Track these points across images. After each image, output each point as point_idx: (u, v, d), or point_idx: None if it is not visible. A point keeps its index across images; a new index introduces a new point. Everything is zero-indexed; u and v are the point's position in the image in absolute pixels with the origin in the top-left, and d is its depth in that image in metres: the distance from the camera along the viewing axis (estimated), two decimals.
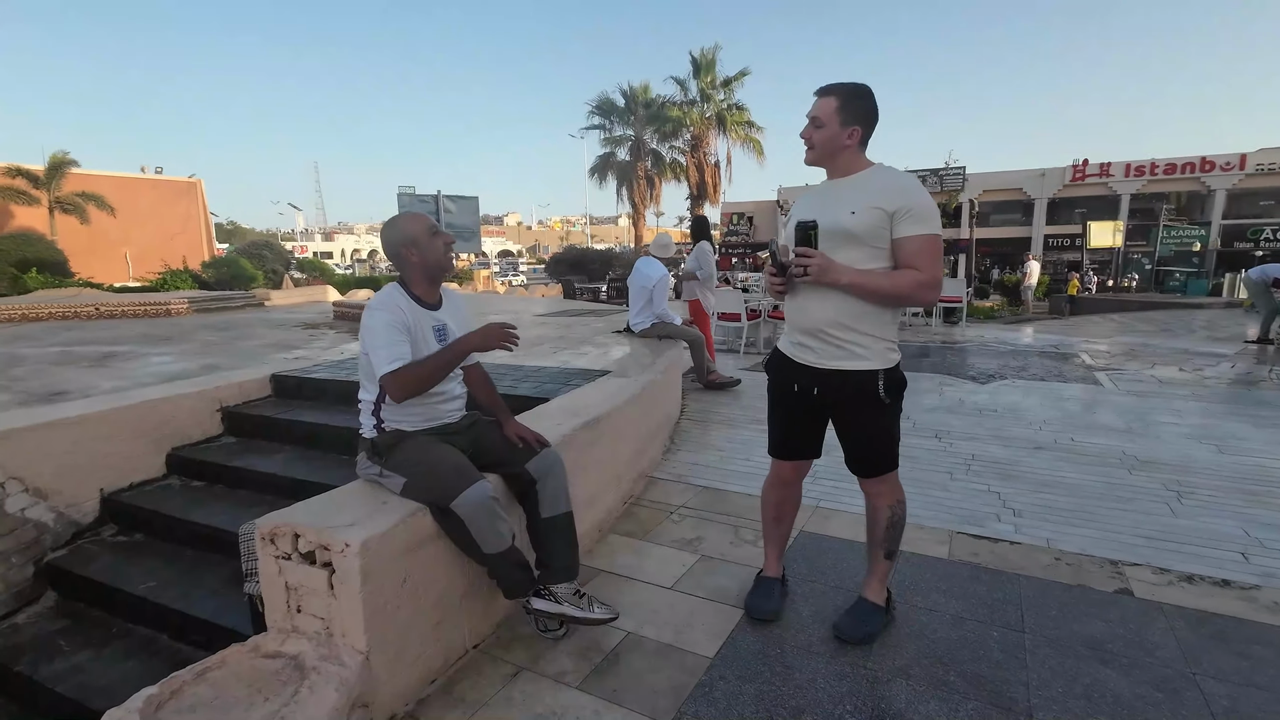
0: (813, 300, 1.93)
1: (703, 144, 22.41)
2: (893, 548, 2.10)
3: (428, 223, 2.09)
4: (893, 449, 2.04)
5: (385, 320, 1.93)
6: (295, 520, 1.72)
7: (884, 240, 1.86)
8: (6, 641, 2.54)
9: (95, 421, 3.19)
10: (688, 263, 6.17)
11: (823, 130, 1.90)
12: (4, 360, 7.36)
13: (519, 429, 2.18)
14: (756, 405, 5.31)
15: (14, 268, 17.08)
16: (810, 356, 1.99)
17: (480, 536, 1.84)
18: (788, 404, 2.13)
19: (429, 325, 2.06)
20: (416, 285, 2.08)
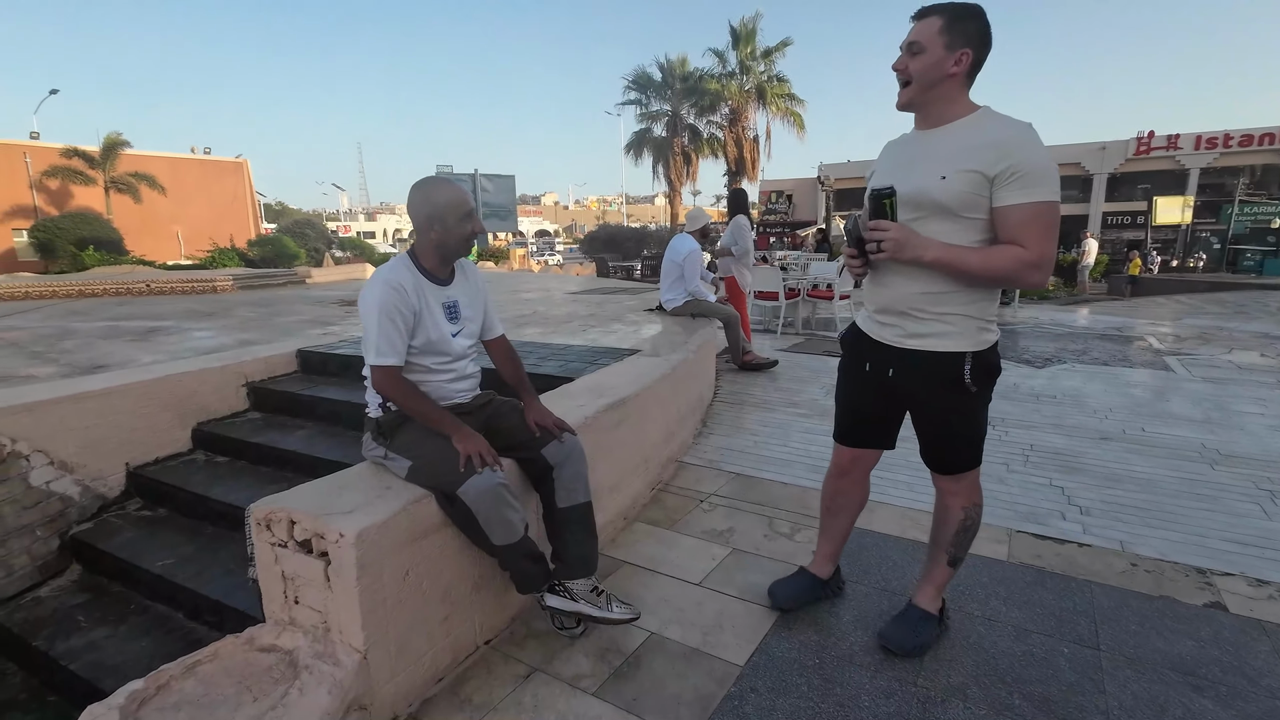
0: (893, 274, 1.70)
1: (741, 118, 21.73)
2: (959, 554, 1.87)
3: (464, 206, 1.88)
4: (976, 444, 1.79)
5: (379, 304, 1.77)
6: (291, 505, 1.59)
7: (982, 210, 1.57)
8: (28, 614, 2.53)
9: (120, 395, 3.17)
10: (723, 238, 5.91)
11: (922, 57, 1.57)
12: (57, 333, 7.60)
13: (540, 415, 1.99)
14: (793, 388, 5.07)
15: (73, 246, 17.78)
16: (887, 333, 1.76)
17: (489, 526, 1.68)
18: (858, 384, 1.91)
19: (438, 302, 1.90)
20: (427, 259, 1.91)
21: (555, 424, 1.98)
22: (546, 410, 2.03)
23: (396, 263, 1.90)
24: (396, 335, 1.79)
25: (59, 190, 22.10)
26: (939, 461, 1.82)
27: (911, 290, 1.67)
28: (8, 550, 2.64)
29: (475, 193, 23.41)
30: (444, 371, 1.92)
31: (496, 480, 1.69)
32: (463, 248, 1.91)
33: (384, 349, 1.77)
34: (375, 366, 1.79)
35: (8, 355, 6.15)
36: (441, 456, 1.72)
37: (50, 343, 6.85)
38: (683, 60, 23.73)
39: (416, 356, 1.87)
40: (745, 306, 6.07)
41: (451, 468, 1.69)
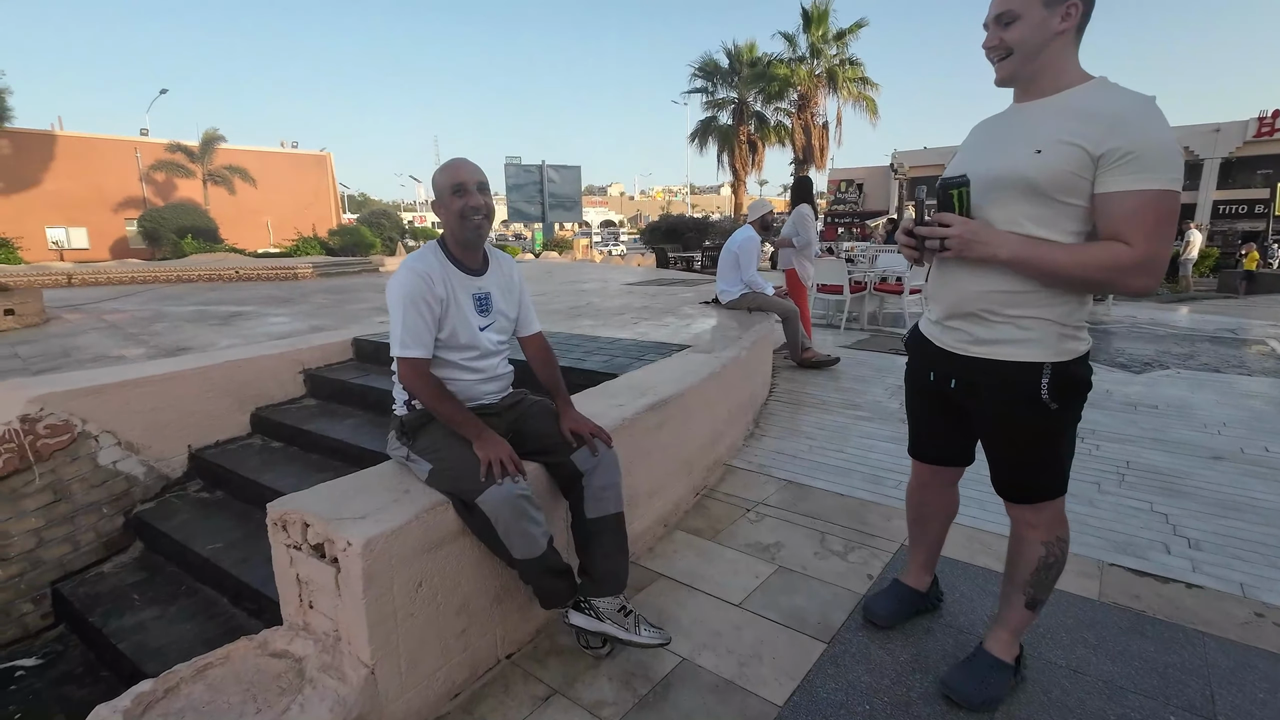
0: (960, 270, 1.47)
1: (811, 103, 20.90)
2: (1040, 595, 1.61)
3: (452, 177, 1.76)
4: (1059, 470, 1.53)
5: (405, 292, 1.69)
6: (305, 507, 1.53)
7: (1080, 195, 1.32)
8: (91, 590, 2.65)
9: (183, 380, 3.28)
10: (784, 228, 5.62)
11: (1020, 24, 1.35)
12: (152, 316, 8.16)
13: (575, 422, 1.85)
14: (854, 388, 4.76)
15: (174, 234, 19.16)
16: (950, 339, 1.54)
17: (508, 538, 1.57)
18: (923, 395, 1.72)
19: (468, 293, 1.80)
20: (454, 247, 1.82)
21: (591, 432, 1.84)
22: (582, 417, 1.89)
23: (425, 250, 1.81)
24: (423, 326, 1.70)
25: (164, 183, 23.88)
26: (1013, 489, 1.58)
27: (980, 288, 1.44)
28: (75, 526, 2.77)
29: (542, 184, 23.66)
30: (471, 369, 1.82)
31: (517, 491, 1.57)
32: (462, 232, 1.77)
33: (409, 340, 1.69)
34: (400, 358, 1.71)
35: (107, 336, 6.62)
36: (462, 461, 1.62)
37: (144, 325, 7.34)
38: (750, 46, 23.08)
39: (442, 350, 1.78)
40: (806, 301, 5.77)
41: (471, 474, 1.59)
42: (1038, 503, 1.56)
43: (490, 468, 1.57)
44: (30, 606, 2.59)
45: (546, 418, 1.90)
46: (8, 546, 2.56)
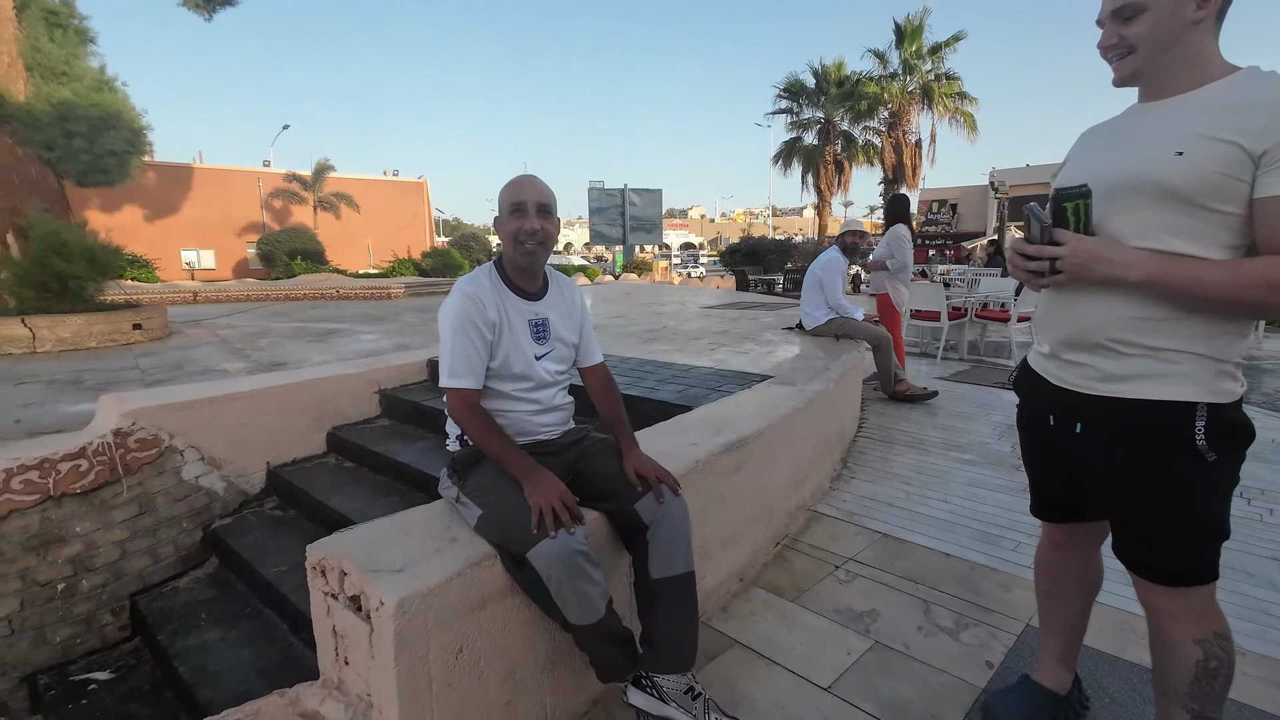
0: (1082, 296, 1.21)
1: (903, 121, 20.03)
2: (1209, 713, 1.24)
3: (512, 195, 1.62)
4: (1211, 542, 1.21)
5: (455, 316, 1.58)
6: (344, 552, 1.40)
7: (1236, 202, 1.07)
8: (165, 604, 2.69)
9: (265, 397, 3.35)
10: (877, 249, 5.23)
11: (1146, 17, 1.14)
12: (258, 332, 8.74)
13: (641, 464, 1.65)
14: (955, 425, 4.29)
15: (286, 256, 20.80)
16: (1073, 375, 1.27)
17: (562, 599, 1.37)
18: (1041, 444, 1.45)
19: (523, 319, 1.66)
20: (509, 269, 1.68)
21: (657, 476, 1.63)
22: (647, 458, 1.68)
23: (478, 271, 1.69)
24: (474, 353, 1.57)
25: (281, 209, 26.10)
26: (1148, 563, 1.24)
27: (1108, 315, 1.18)
28: (157, 539, 2.84)
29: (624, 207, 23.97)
30: (527, 401, 1.66)
31: (573, 546, 1.38)
32: (517, 255, 1.62)
33: (458, 368, 1.57)
34: (448, 389, 1.58)
35: (217, 350, 7.11)
36: (513, 508, 1.45)
37: (250, 340, 7.85)
38: (838, 65, 22.51)
39: (495, 380, 1.63)
40: (900, 328, 5.33)
41: (522, 524, 1.41)
42: (1184, 586, 1.21)
43: (542, 516, 1.39)
44: (110, 618, 2.65)
45: (610, 458, 1.70)
46: (94, 557, 2.64)
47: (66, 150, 7.92)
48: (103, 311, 7.37)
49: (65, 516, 2.61)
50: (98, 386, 5.24)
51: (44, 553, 2.53)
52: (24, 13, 8.03)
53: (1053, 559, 1.58)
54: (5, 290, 7.37)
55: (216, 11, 9.75)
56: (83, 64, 8.36)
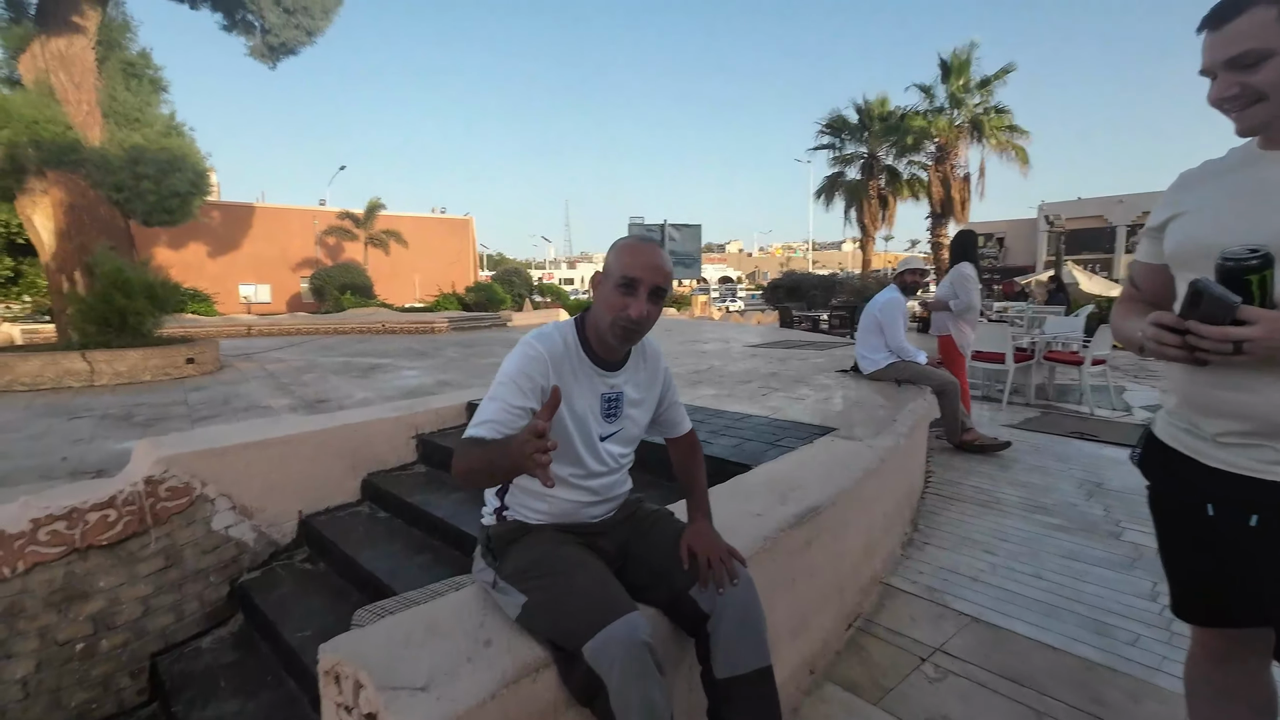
0: (1268, 374, 1.02)
1: (950, 155, 19.57)
2: None
3: (626, 267, 1.32)
4: None
5: (511, 370, 1.33)
6: (360, 658, 1.19)
7: None
8: (185, 667, 2.53)
9: (301, 442, 3.23)
10: (940, 288, 4.91)
11: (1274, 62, 1.01)
12: (305, 366, 8.85)
13: (703, 542, 1.40)
14: (1033, 481, 3.90)
15: (337, 290, 21.47)
16: (1248, 459, 1.07)
17: (624, 708, 1.12)
18: (1195, 535, 1.20)
19: (595, 391, 1.42)
20: (593, 334, 1.41)
21: (721, 557, 1.38)
22: (715, 536, 1.44)
23: (555, 327, 1.43)
24: (509, 414, 1.26)
25: (334, 245, 27.13)
26: None
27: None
28: (182, 595, 2.71)
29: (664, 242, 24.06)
30: (580, 489, 1.44)
31: (639, 635, 1.14)
32: (610, 332, 1.34)
33: (487, 415, 1.27)
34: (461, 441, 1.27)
35: (264, 385, 7.18)
36: (567, 592, 1.23)
37: (296, 375, 7.93)
38: (882, 100, 22.33)
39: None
40: (964, 371, 4.96)
41: (578, 610, 1.19)
42: None
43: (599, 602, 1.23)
44: (129, 680, 2.51)
45: (667, 534, 1.47)
46: (116, 614, 2.52)
47: (134, 191, 8.28)
48: (158, 346, 7.56)
49: (90, 570, 2.49)
50: (146, 422, 5.29)
51: (66, 609, 2.41)
52: (104, 64, 8.53)
53: (1210, 673, 1.30)
54: (70, 325, 7.65)
55: (280, 60, 10.21)
56: (154, 111, 8.81)
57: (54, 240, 8.00)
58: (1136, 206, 27.44)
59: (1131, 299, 1.35)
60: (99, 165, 8.10)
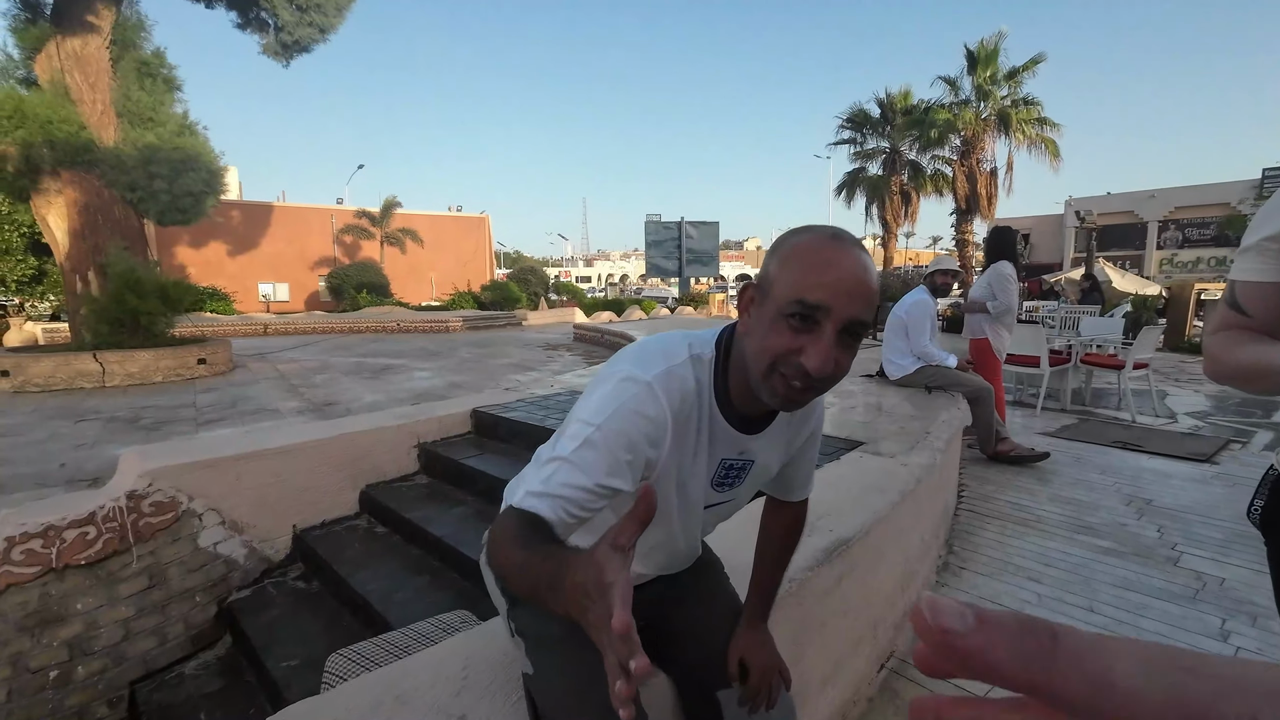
0: None
1: (976, 149, 19.03)
2: None
3: (803, 286, 0.80)
4: None
5: (621, 426, 0.86)
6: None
7: None
8: (165, 698, 2.37)
9: (297, 454, 3.07)
10: (975, 289, 4.63)
11: None
12: (318, 367, 8.77)
13: (764, 661, 1.13)
14: (1076, 497, 3.62)
15: (353, 289, 21.52)
16: None
17: None
18: None
19: (714, 458, 0.99)
20: (738, 386, 0.94)
21: (769, 679, 1.12)
22: (773, 651, 1.16)
23: (687, 369, 0.93)
24: (587, 493, 0.83)
25: (351, 244, 27.24)
26: None
27: None
28: (166, 617, 2.56)
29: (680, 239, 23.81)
30: (649, 559, 1.11)
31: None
32: (766, 386, 0.85)
33: (553, 495, 0.82)
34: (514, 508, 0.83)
35: (274, 386, 7.09)
36: (576, 675, 0.99)
37: (307, 376, 7.84)
38: (905, 93, 21.81)
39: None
40: (1000, 377, 4.68)
41: (586, 699, 0.95)
42: None
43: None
44: (106, 710, 2.36)
45: (723, 614, 1.20)
46: (94, 639, 2.37)
47: (148, 191, 8.25)
48: (170, 346, 7.52)
49: (67, 592, 2.35)
50: (152, 426, 5.20)
51: (39, 634, 2.27)
52: (118, 64, 8.51)
53: None
54: (83, 325, 7.64)
55: (293, 58, 10.14)
56: (168, 110, 8.78)
57: (68, 240, 8.00)
58: (1169, 201, 26.54)
59: (1237, 326, 1.04)
60: (113, 165, 8.09)
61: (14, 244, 14.35)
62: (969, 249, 19.51)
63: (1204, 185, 25.83)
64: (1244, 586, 2.57)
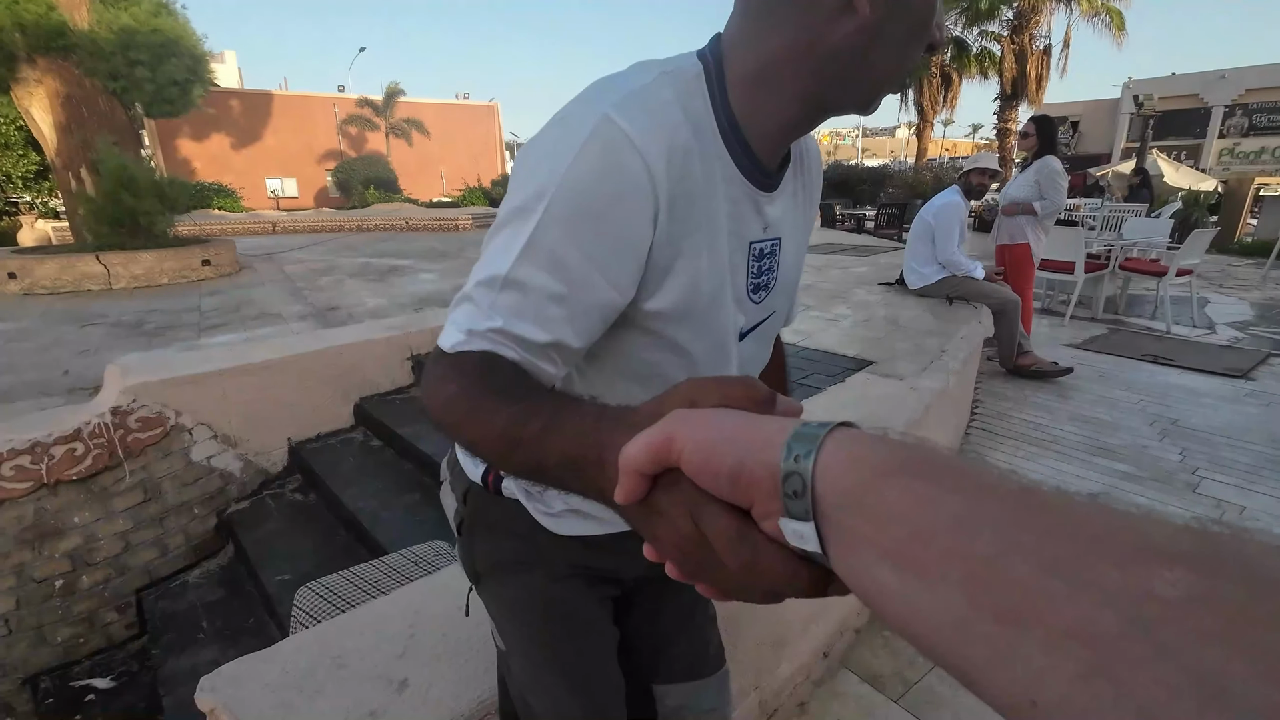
0: None
1: (1031, 23, 17.15)
2: None
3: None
4: None
5: (570, 195, 0.53)
6: (238, 708, 0.94)
7: None
8: (170, 605, 2.45)
9: (283, 368, 2.99)
10: (1012, 186, 4.20)
11: None
12: (323, 268, 8.62)
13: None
14: (1098, 417, 3.46)
15: (361, 185, 20.94)
16: None
17: None
18: None
19: (738, 239, 0.65)
20: (750, 98, 0.60)
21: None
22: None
23: (657, 84, 0.57)
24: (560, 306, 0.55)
25: (356, 136, 26.22)
26: None
27: None
28: (164, 529, 2.59)
29: None
30: None
31: None
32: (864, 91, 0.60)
33: (488, 306, 0.55)
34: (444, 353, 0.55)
35: (280, 288, 7.00)
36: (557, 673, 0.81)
37: (313, 278, 7.72)
38: None
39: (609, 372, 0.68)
40: (1031, 286, 4.38)
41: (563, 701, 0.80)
42: None
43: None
44: (115, 615, 2.46)
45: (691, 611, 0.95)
46: (94, 551, 2.42)
47: (131, 80, 7.78)
48: (173, 247, 7.39)
49: (62, 506, 2.37)
50: (155, 331, 5.18)
51: (39, 547, 2.31)
52: None
53: None
54: (83, 226, 7.50)
55: None
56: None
57: (55, 135, 7.68)
58: (1241, 82, 24.09)
59: None
60: (91, 52, 7.58)
61: (12, 138, 13.97)
62: (1010, 139, 18.08)
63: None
64: (1266, 516, 2.45)
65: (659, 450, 0.32)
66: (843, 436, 0.28)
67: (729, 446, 0.30)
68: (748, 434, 0.30)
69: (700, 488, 0.31)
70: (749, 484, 0.29)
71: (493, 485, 0.81)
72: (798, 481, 0.27)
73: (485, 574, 0.85)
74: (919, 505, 0.24)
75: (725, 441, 0.31)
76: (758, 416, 0.32)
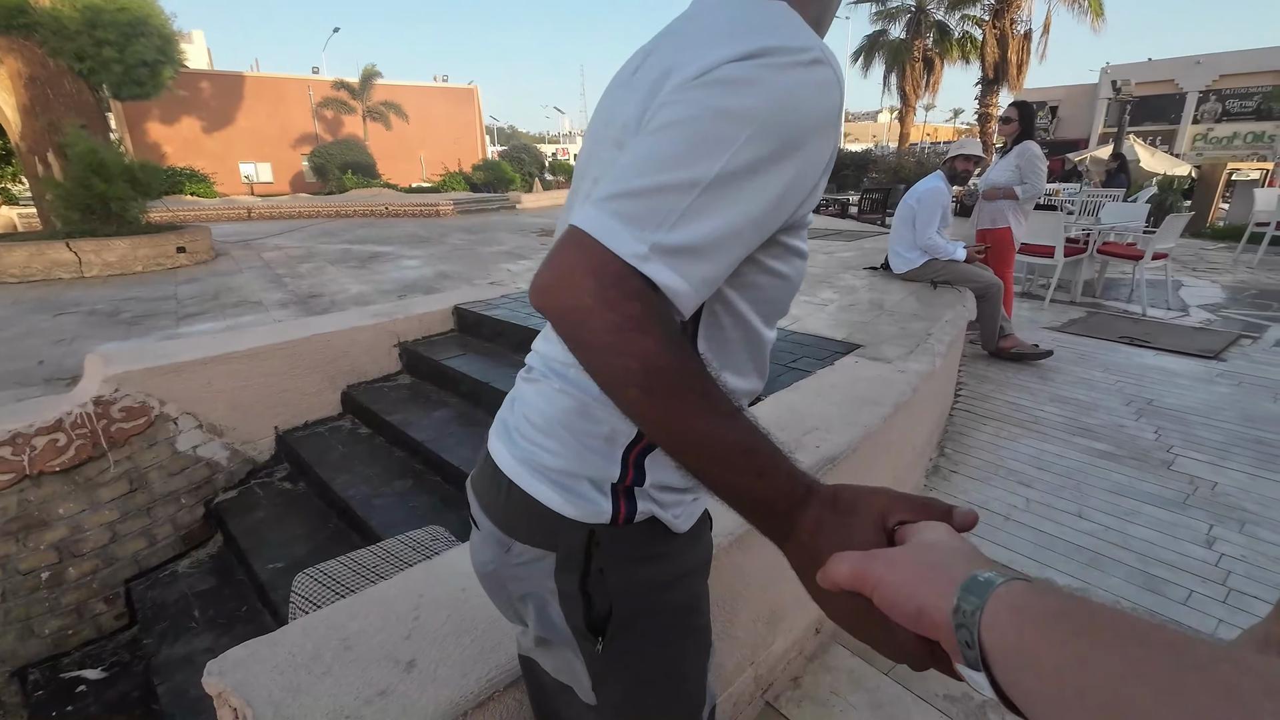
0: None
1: (1012, 7, 17.23)
2: None
3: None
4: None
5: (801, 137, 0.51)
6: (247, 691, 0.95)
7: None
8: (160, 595, 2.43)
9: (269, 355, 2.96)
10: (996, 172, 4.25)
11: None
12: (302, 255, 8.47)
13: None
14: (1076, 397, 3.54)
15: (338, 169, 20.53)
16: None
17: None
18: None
19: None
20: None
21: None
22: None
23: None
24: (759, 217, 0.52)
25: (332, 119, 25.66)
26: None
27: None
28: (152, 519, 2.56)
29: None
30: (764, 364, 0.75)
31: None
32: None
33: (705, 250, 0.49)
34: (610, 255, 0.46)
35: (259, 276, 6.87)
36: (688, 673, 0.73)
37: (292, 265, 7.58)
38: None
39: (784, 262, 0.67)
40: (1012, 270, 4.45)
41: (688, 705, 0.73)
42: None
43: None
44: (104, 606, 2.43)
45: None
46: (81, 542, 2.38)
47: (98, 60, 7.52)
48: (147, 234, 7.21)
49: (46, 497, 2.33)
50: (132, 320, 5.07)
51: (24, 538, 2.28)
52: None
53: None
54: (51, 212, 7.28)
55: None
56: None
57: (19, 117, 7.42)
58: (1216, 68, 24.46)
59: None
60: (55, 30, 7.31)
61: None
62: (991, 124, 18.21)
63: (1257, 50, 23.62)
64: (1237, 491, 2.54)
65: (857, 582, 0.39)
66: (1007, 592, 0.32)
67: (912, 590, 0.36)
68: (929, 583, 0.36)
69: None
70: (930, 628, 0.35)
71: (624, 515, 0.65)
72: (967, 634, 0.31)
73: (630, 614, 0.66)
74: (1078, 663, 0.27)
75: (909, 585, 0.36)
76: (943, 557, 0.37)
